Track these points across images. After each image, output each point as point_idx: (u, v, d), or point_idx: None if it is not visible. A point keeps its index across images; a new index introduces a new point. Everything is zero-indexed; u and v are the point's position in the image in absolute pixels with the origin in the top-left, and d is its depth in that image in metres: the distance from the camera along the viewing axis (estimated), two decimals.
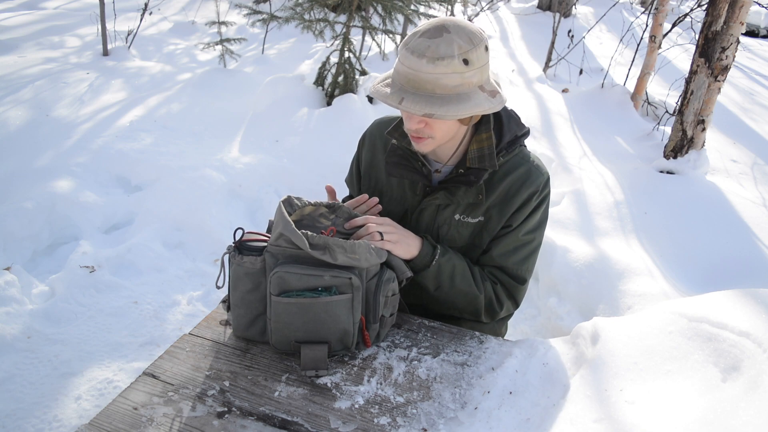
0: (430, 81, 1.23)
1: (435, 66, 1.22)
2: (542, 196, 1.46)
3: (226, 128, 4.20)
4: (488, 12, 8.70)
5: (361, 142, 1.66)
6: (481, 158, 1.40)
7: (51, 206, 3.09)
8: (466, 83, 1.25)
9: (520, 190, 1.43)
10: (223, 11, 6.20)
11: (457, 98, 1.25)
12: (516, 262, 1.48)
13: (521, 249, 1.48)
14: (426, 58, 1.22)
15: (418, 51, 1.23)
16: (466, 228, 1.48)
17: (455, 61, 1.22)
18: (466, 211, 1.46)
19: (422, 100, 1.24)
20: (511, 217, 1.45)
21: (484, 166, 1.40)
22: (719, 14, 3.56)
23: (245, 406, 1.16)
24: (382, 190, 1.57)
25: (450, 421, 1.15)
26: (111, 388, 2.20)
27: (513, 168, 1.45)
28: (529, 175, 1.44)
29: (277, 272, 1.23)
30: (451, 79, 1.23)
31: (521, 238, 1.47)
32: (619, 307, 2.50)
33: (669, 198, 3.40)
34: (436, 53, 1.22)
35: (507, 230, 1.46)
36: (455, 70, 1.23)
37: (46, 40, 6.08)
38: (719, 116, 4.98)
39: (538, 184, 1.44)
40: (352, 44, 4.51)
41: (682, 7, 9.02)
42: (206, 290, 2.83)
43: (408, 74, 1.25)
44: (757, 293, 1.22)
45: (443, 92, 1.24)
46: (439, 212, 1.48)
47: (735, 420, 0.93)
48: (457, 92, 1.25)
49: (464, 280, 1.45)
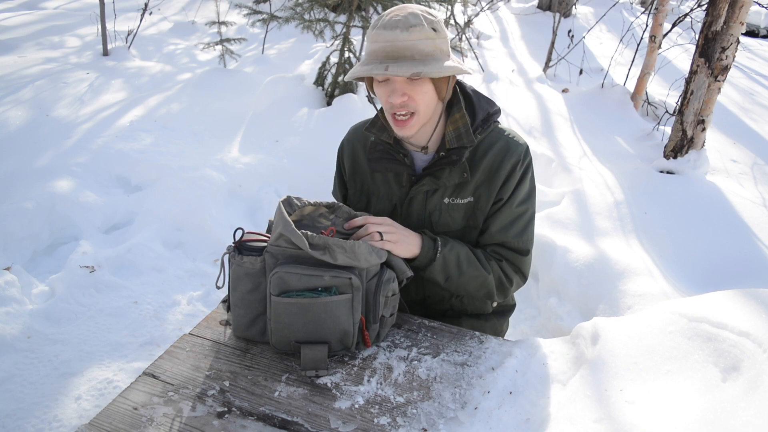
0: (408, 47, 1.30)
1: (410, 33, 1.30)
2: (525, 164, 1.49)
3: (226, 128, 4.20)
4: (488, 12, 8.70)
5: (340, 152, 1.67)
6: (458, 137, 1.44)
7: (51, 206, 3.09)
8: (438, 49, 1.34)
9: (502, 162, 1.46)
10: (223, 11, 6.20)
11: (434, 60, 1.33)
12: (515, 235, 1.50)
13: (517, 221, 1.50)
14: (399, 29, 1.30)
15: (390, 25, 1.31)
16: (457, 210, 1.49)
17: (426, 28, 1.31)
18: (454, 193, 1.48)
19: (406, 64, 1.30)
20: (500, 191, 1.48)
21: (463, 143, 1.44)
22: (719, 14, 3.56)
23: (245, 406, 1.16)
24: (370, 191, 1.58)
25: (450, 421, 1.15)
26: (111, 388, 2.20)
27: (491, 144, 1.49)
28: (508, 148, 1.48)
29: (277, 272, 1.23)
30: (426, 45, 1.32)
31: (515, 210, 1.49)
32: (619, 307, 2.49)
33: (669, 198, 3.40)
34: (408, 23, 1.31)
35: (499, 205, 1.49)
36: (428, 36, 1.32)
37: (46, 40, 6.08)
38: (719, 116, 4.98)
39: (519, 153, 1.48)
40: (352, 44, 4.52)
41: (682, 7, 9.01)
42: (206, 290, 2.83)
43: (385, 47, 1.32)
44: (757, 293, 1.22)
45: (421, 56, 1.32)
46: (428, 199, 1.49)
47: (735, 420, 0.93)
48: (434, 56, 1.33)
49: (471, 265, 1.46)
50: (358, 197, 1.60)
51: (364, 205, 1.58)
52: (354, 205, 1.59)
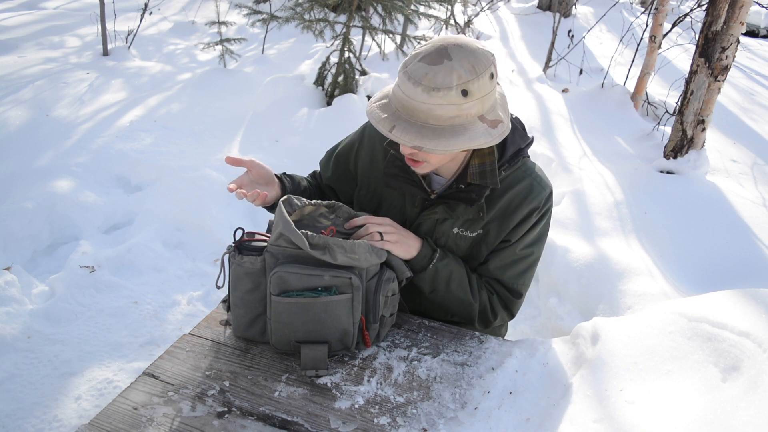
0: (424, 111, 1.17)
1: (430, 96, 1.15)
2: (543, 210, 1.42)
3: (226, 128, 4.20)
4: (488, 12, 8.70)
5: (360, 138, 1.59)
6: (482, 174, 1.35)
7: (51, 206, 3.09)
8: (463, 114, 1.18)
9: (521, 205, 1.39)
10: (223, 11, 6.19)
11: (451, 130, 1.18)
12: (512, 276, 1.47)
13: (519, 263, 1.46)
14: (422, 87, 1.16)
15: (415, 78, 1.17)
16: (464, 241, 1.46)
17: (452, 93, 1.15)
18: (464, 225, 1.44)
19: (414, 130, 1.18)
20: (510, 232, 1.42)
21: (486, 183, 1.35)
22: (719, 14, 3.56)
23: (245, 406, 1.16)
24: (383, 196, 1.54)
25: (450, 421, 1.15)
26: (111, 388, 2.20)
27: (515, 182, 1.40)
28: (531, 191, 1.40)
29: (277, 272, 1.23)
30: (446, 111, 1.17)
31: (519, 253, 1.45)
32: (619, 307, 2.49)
33: (669, 198, 3.40)
34: (433, 83, 1.15)
35: (505, 245, 1.44)
36: (451, 102, 1.16)
37: (46, 40, 6.08)
38: (719, 116, 4.98)
39: (540, 200, 1.40)
40: (352, 44, 4.52)
41: (682, 7, 9.01)
42: (206, 290, 2.83)
43: (403, 100, 1.20)
44: (757, 293, 1.22)
45: (437, 123, 1.18)
46: (438, 226, 1.45)
47: (735, 420, 0.93)
48: (452, 123, 1.19)
49: (460, 287, 1.43)
50: (369, 198, 1.55)
51: (373, 208, 1.54)
52: (363, 205, 1.56)
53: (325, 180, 1.67)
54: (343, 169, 1.63)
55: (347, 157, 1.62)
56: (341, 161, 1.63)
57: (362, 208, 1.56)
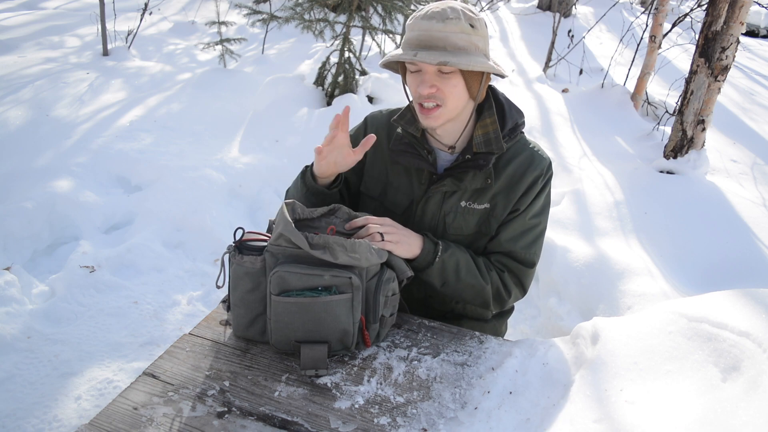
0: (441, 38, 1.31)
1: (445, 24, 1.31)
2: (546, 178, 1.49)
3: (226, 128, 4.20)
4: (488, 12, 8.70)
5: (364, 128, 1.61)
6: (487, 142, 1.43)
7: (51, 206, 3.09)
8: (473, 45, 1.33)
9: (525, 174, 1.46)
10: (223, 11, 6.19)
11: (466, 54, 1.32)
12: (524, 246, 1.50)
13: (528, 233, 1.50)
14: (436, 19, 1.31)
15: (428, 15, 1.32)
16: (472, 215, 1.48)
17: (462, 22, 1.31)
18: (472, 197, 1.47)
19: (436, 53, 1.31)
20: (517, 201, 1.47)
21: (492, 149, 1.43)
22: (719, 14, 3.56)
23: (245, 406, 1.16)
24: (387, 181, 1.56)
25: (450, 421, 1.15)
26: (111, 388, 2.20)
27: (516, 154, 1.48)
28: (532, 160, 1.47)
29: (277, 271, 1.23)
30: (460, 38, 1.31)
31: (528, 222, 1.49)
32: (619, 307, 2.50)
33: (669, 198, 3.40)
34: (445, 15, 1.31)
35: (514, 215, 1.48)
36: (463, 30, 1.31)
37: (46, 40, 6.08)
38: (719, 116, 4.98)
39: (542, 167, 1.47)
40: (352, 44, 4.52)
41: (682, 7, 9.01)
42: (206, 290, 2.83)
43: (419, 35, 1.33)
44: (757, 293, 1.22)
45: (454, 48, 1.32)
46: (446, 200, 1.48)
47: (735, 420, 0.93)
48: (466, 50, 1.33)
49: (469, 273, 1.45)
50: (374, 184, 1.57)
51: (378, 194, 1.56)
52: (370, 191, 1.58)
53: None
54: None
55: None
56: None
57: (368, 194, 1.58)
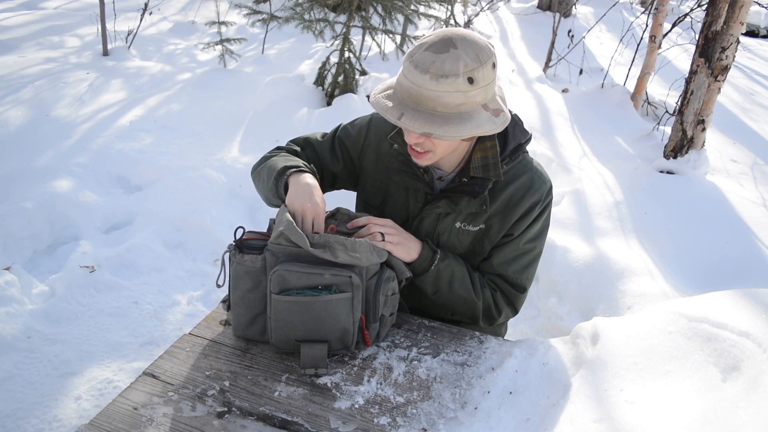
0: (432, 98, 1.20)
1: (438, 83, 1.18)
2: (544, 205, 1.45)
3: (226, 128, 4.20)
4: (488, 12, 8.69)
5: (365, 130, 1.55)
6: (485, 167, 1.37)
7: (51, 206, 3.09)
8: (469, 102, 1.22)
9: (522, 199, 1.41)
10: (223, 11, 6.19)
11: (458, 117, 1.22)
12: (516, 271, 1.47)
13: (522, 258, 1.47)
14: (429, 75, 1.19)
15: (422, 66, 1.19)
16: (466, 236, 1.46)
17: (459, 80, 1.19)
18: (467, 219, 1.45)
19: (422, 117, 1.21)
20: (512, 226, 1.44)
21: (489, 176, 1.37)
22: (719, 14, 3.56)
23: (245, 406, 1.16)
24: (388, 191, 1.54)
25: (450, 421, 1.15)
26: (111, 388, 2.20)
27: (516, 176, 1.43)
28: (532, 184, 1.42)
29: (278, 270, 1.23)
30: (454, 98, 1.20)
31: (522, 247, 1.46)
32: (619, 307, 2.49)
33: (669, 198, 3.40)
34: (441, 70, 1.18)
35: (508, 239, 1.45)
36: (459, 89, 1.19)
37: (46, 40, 6.08)
38: (719, 116, 4.98)
39: (540, 193, 1.43)
40: (352, 44, 4.52)
41: (682, 7, 9.01)
42: (206, 290, 2.83)
43: (410, 89, 1.22)
44: (757, 293, 1.22)
45: (444, 110, 1.21)
46: (440, 220, 1.46)
47: (735, 420, 0.93)
48: (459, 111, 1.22)
49: (463, 286, 1.44)
50: (375, 192, 1.55)
51: (379, 203, 1.54)
52: (370, 199, 1.56)
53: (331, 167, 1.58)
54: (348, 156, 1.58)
55: (354, 147, 1.57)
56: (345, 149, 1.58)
57: (368, 202, 1.57)
